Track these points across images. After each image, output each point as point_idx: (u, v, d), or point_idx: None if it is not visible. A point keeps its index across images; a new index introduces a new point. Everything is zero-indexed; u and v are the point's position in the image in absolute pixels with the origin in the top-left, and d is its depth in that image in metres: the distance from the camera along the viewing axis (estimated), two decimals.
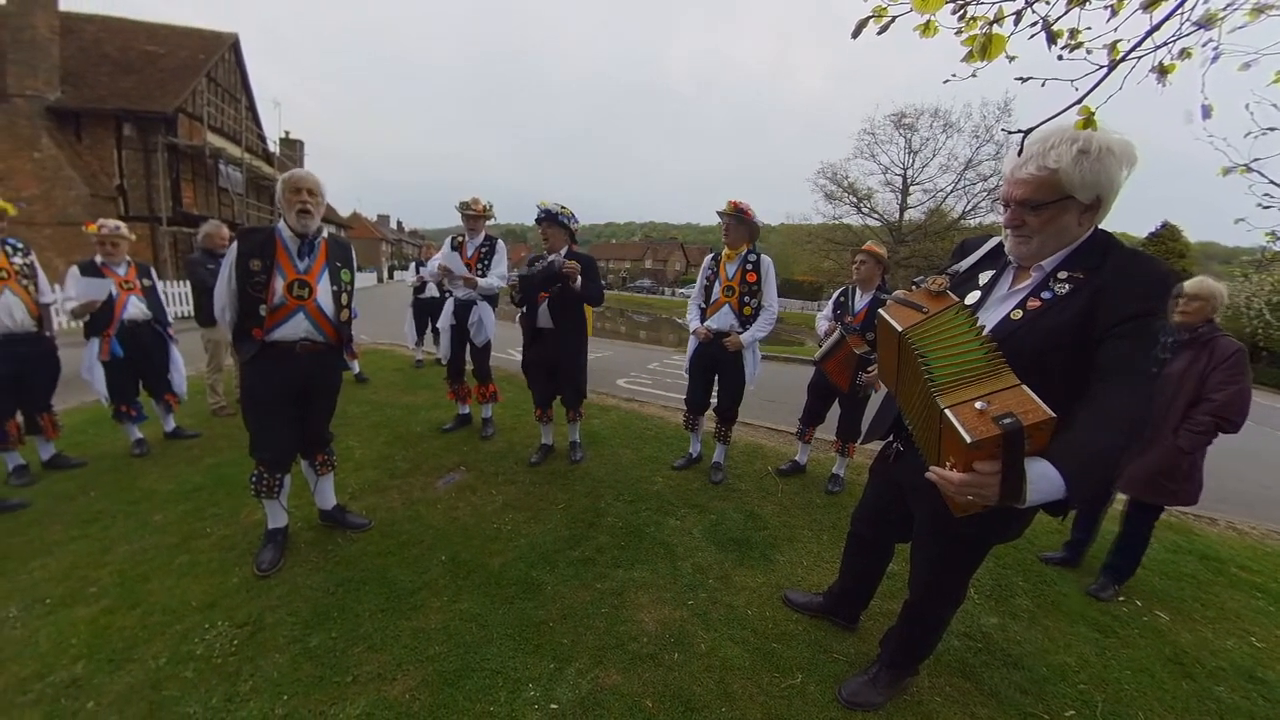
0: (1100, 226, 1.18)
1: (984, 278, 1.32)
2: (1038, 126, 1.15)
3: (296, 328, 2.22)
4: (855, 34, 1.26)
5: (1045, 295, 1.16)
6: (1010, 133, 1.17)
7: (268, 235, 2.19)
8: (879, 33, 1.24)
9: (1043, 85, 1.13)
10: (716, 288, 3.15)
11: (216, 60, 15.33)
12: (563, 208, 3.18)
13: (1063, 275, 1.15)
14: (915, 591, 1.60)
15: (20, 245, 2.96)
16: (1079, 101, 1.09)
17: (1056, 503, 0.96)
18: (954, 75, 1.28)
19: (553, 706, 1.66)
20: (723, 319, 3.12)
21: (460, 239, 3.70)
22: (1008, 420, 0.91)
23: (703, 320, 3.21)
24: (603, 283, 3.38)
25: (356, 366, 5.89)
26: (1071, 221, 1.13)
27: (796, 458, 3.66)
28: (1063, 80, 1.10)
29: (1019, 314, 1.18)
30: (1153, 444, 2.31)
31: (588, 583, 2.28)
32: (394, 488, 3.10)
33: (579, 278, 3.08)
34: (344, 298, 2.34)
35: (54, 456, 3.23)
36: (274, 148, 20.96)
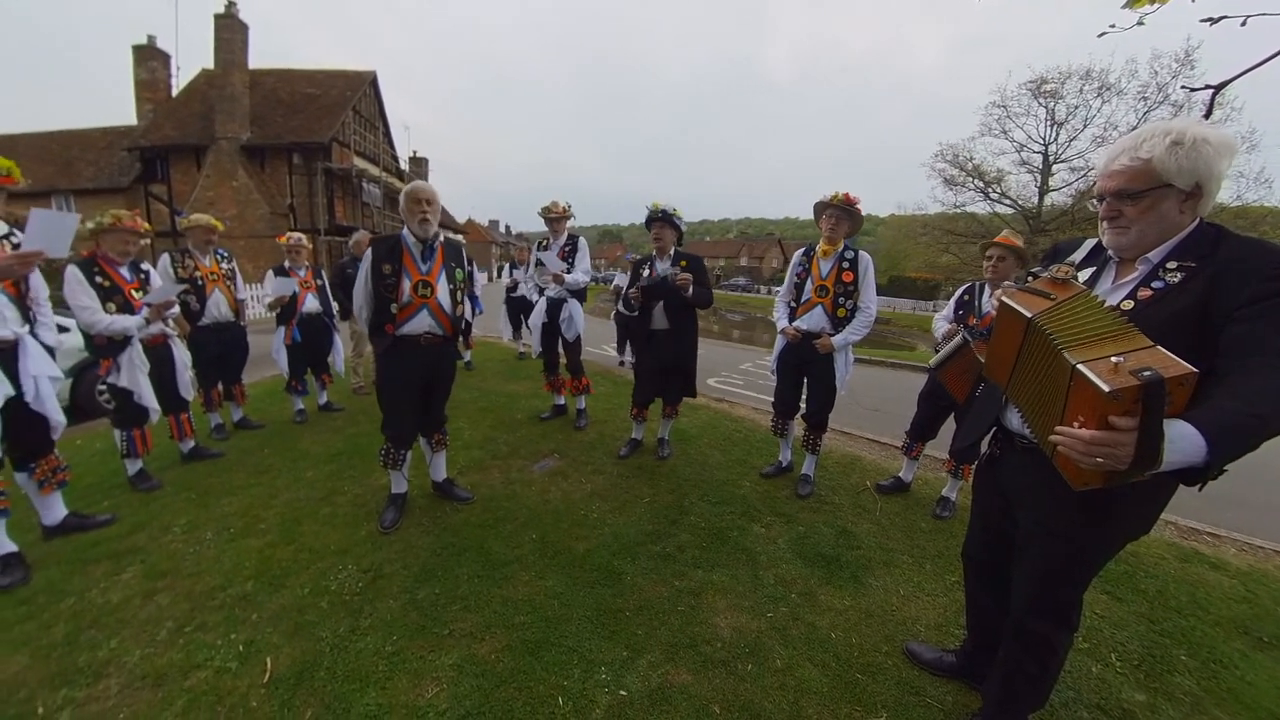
0: (1206, 219, 1.12)
1: (1084, 275, 1.28)
2: (1234, 79, 0.92)
3: (421, 323, 2.49)
4: None
5: (1156, 285, 1.13)
6: (1193, 90, 0.94)
7: (395, 242, 2.47)
8: None
9: (1243, 25, 0.90)
10: (808, 286, 2.95)
11: (359, 95, 18.33)
12: (675, 210, 3.22)
13: (1172, 265, 1.11)
14: (1018, 610, 1.39)
15: (225, 254, 3.72)
16: None
17: (1192, 471, 0.89)
18: (1112, 26, 1.06)
19: (622, 693, 1.69)
20: (814, 320, 2.94)
21: (545, 242, 3.90)
22: (1147, 373, 0.86)
23: (791, 320, 3.04)
24: None
25: (468, 355, 6.50)
26: (1172, 210, 1.10)
27: (900, 474, 3.33)
28: (1272, 15, 0.87)
29: (1130, 304, 1.15)
30: None
31: (666, 579, 2.28)
32: (495, 467, 3.38)
33: (691, 285, 3.10)
34: (458, 294, 2.60)
35: (241, 419, 4.05)
36: (405, 166, 23.99)
